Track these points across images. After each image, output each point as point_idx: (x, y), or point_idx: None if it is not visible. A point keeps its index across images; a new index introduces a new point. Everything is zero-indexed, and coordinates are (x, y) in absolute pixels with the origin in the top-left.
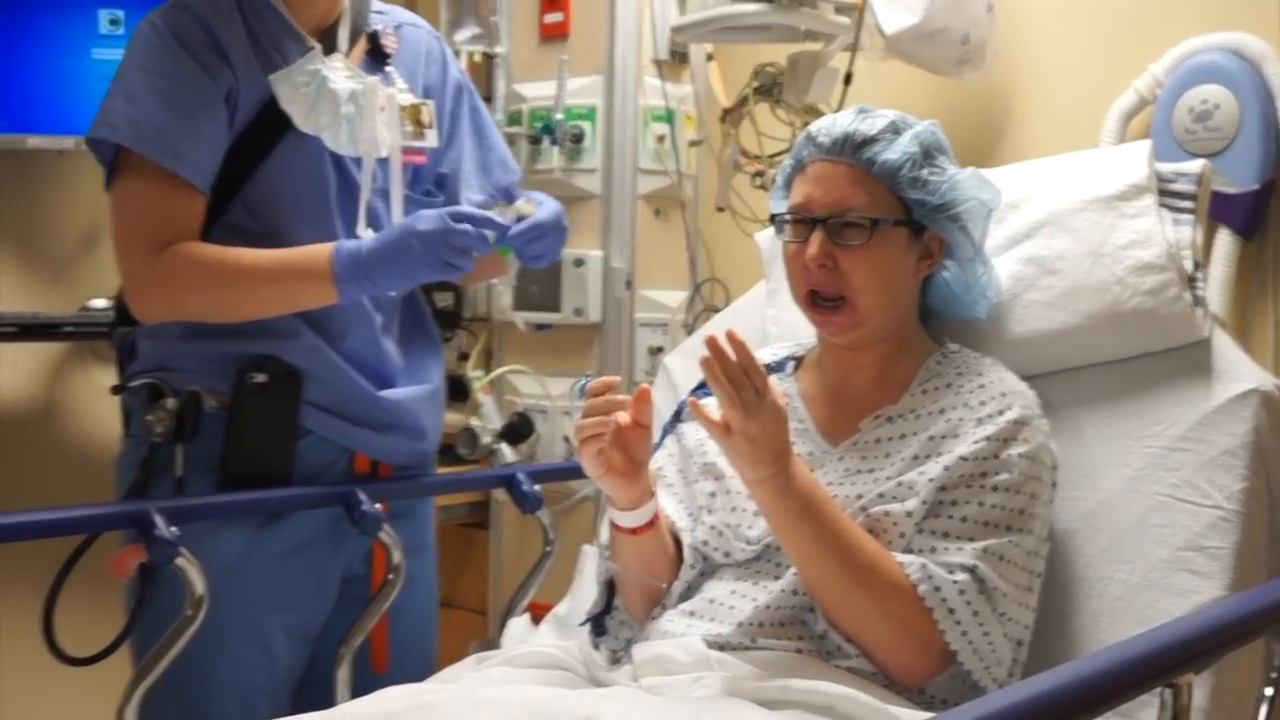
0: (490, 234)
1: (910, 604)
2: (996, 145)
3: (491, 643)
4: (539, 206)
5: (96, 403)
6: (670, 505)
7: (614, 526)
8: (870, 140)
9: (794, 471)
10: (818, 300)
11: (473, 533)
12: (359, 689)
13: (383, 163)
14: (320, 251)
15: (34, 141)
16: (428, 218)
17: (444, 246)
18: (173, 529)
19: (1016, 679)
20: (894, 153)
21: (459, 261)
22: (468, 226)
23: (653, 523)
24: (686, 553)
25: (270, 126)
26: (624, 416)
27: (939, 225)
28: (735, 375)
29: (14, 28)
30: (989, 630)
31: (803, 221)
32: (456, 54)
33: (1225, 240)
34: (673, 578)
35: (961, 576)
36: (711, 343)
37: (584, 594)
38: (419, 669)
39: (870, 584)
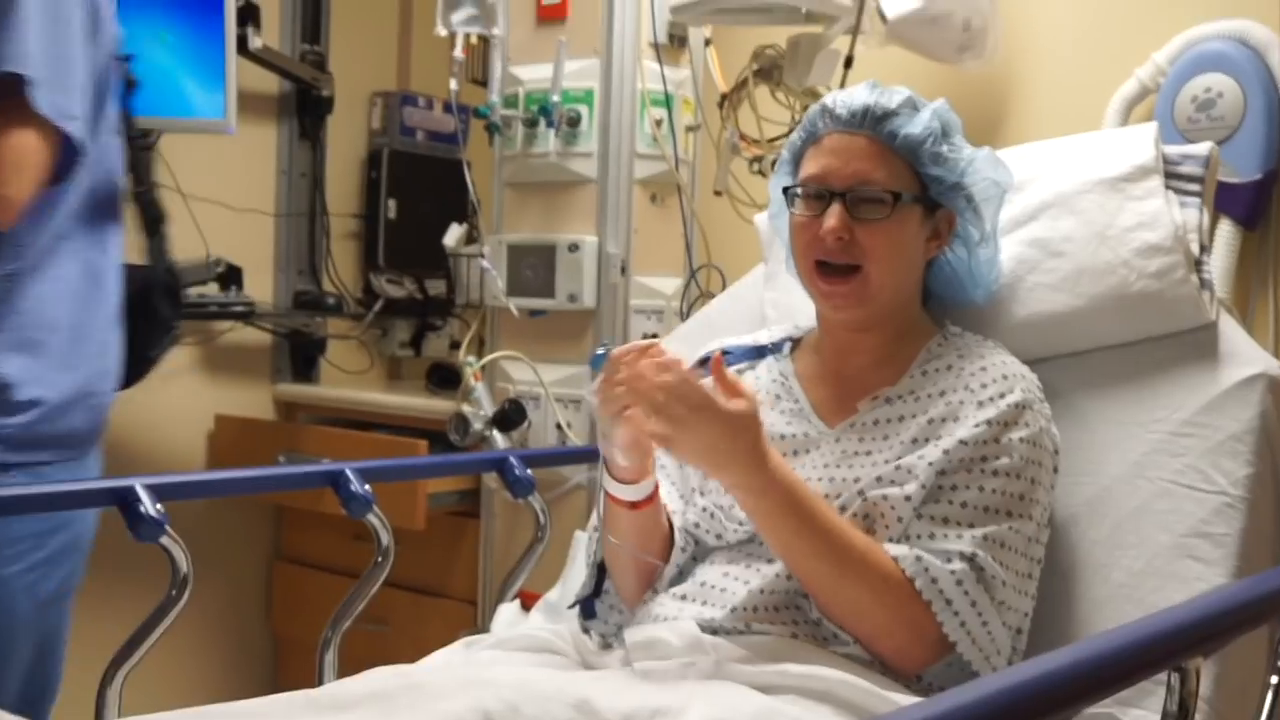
0: None
1: (905, 595)
2: (997, 132)
3: (480, 630)
4: None
5: None
6: (663, 487)
7: (612, 500)
8: (891, 113)
9: (769, 472)
10: (827, 269)
11: (463, 521)
12: None
13: None
14: None
15: None
16: None
17: None
18: (158, 507)
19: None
20: (916, 126)
21: None
22: None
23: (652, 497)
24: (678, 535)
25: None
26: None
27: (953, 204)
28: (655, 398)
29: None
30: (987, 620)
31: (819, 195)
32: (453, 36)
33: (1227, 230)
34: (667, 558)
35: (959, 565)
36: (616, 357)
37: (575, 580)
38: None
39: (861, 576)
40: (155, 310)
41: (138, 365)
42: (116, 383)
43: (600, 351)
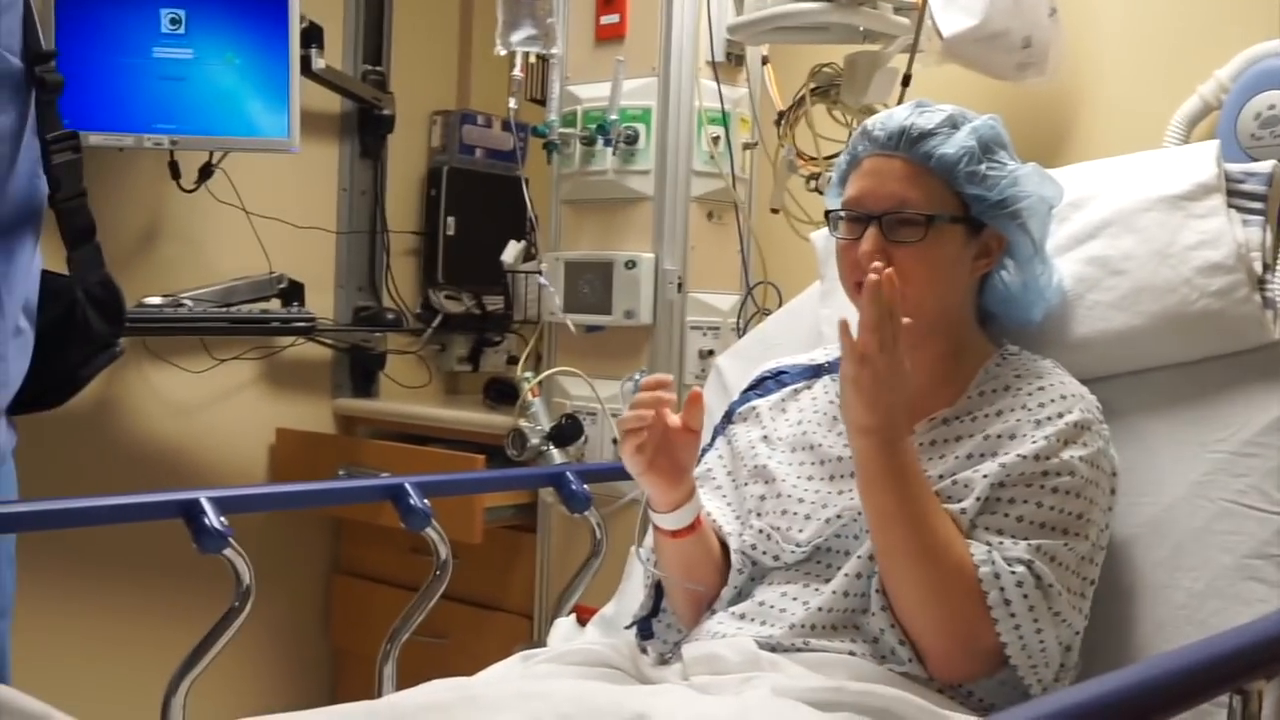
0: None
1: (969, 593)
2: (1059, 149)
3: (537, 644)
4: None
5: (148, 398)
6: (718, 507)
7: (655, 529)
8: (927, 134)
9: (900, 437)
10: None
11: (519, 535)
12: None
13: None
14: None
15: (95, 139)
16: None
17: None
18: (222, 519)
19: (1065, 684)
20: (951, 147)
21: None
22: None
23: (694, 526)
24: (734, 557)
25: None
26: (674, 419)
27: (998, 222)
28: (883, 310)
29: (77, 27)
30: (1042, 628)
31: (857, 218)
32: (512, 55)
33: None
34: (719, 582)
35: (1020, 569)
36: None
37: (631, 596)
38: None
39: (937, 561)
40: (88, 326)
41: (66, 384)
42: (5, 397)
43: (634, 378)
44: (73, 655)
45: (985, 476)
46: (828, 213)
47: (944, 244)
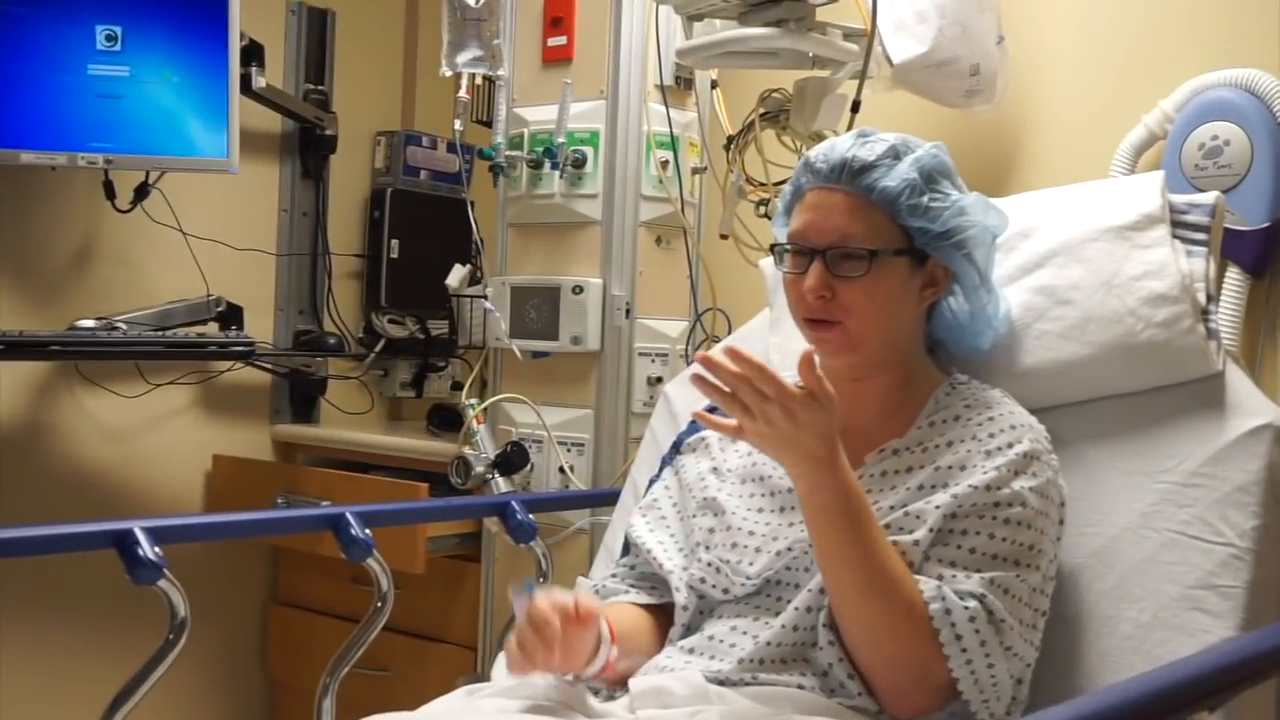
0: None
1: (919, 629)
2: (1005, 178)
3: (481, 676)
4: None
5: (81, 424)
6: (660, 541)
7: None
8: (868, 167)
9: (832, 472)
10: (814, 322)
11: (463, 565)
12: None
13: None
14: None
15: (26, 157)
16: None
17: None
18: (156, 550)
19: (1016, 716)
20: (893, 179)
21: None
22: None
23: (608, 661)
24: (681, 594)
25: None
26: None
27: (942, 253)
28: (729, 382)
29: (9, 42)
30: (994, 662)
31: (802, 252)
32: (458, 77)
33: (1235, 278)
34: (658, 646)
35: (972, 604)
36: (703, 360)
37: None
38: None
39: (886, 598)
40: None
41: None
42: None
43: (523, 595)
44: (1, 689)
45: (937, 507)
46: (773, 246)
47: (888, 277)
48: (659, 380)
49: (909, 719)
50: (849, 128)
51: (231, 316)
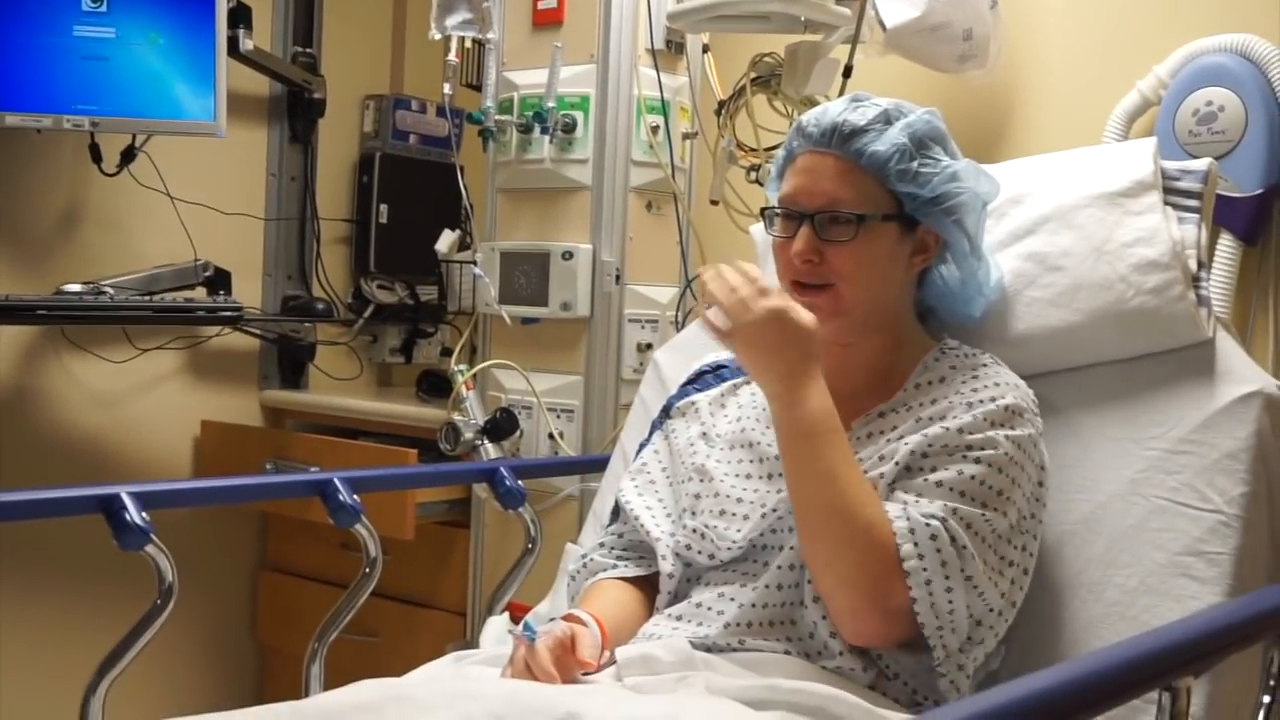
0: None
1: (880, 547)
2: (998, 143)
3: (470, 643)
4: None
5: (68, 389)
6: (649, 506)
7: None
8: (859, 131)
9: (806, 394)
10: (802, 286)
11: (452, 531)
12: None
13: None
14: None
15: (11, 119)
16: None
17: None
18: (144, 515)
19: (977, 666)
20: (882, 144)
21: None
22: None
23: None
24: (667, 562)
25: None
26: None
27: (932, 219)
28: (708, 296)
29: None
30: (952, 587)
31: (791, 216)
32: (447, 40)
33: (1227, 245)
34: (645, 616)
35: (935, 523)
36: (704, 272)
37: (566, 593)
38: None
39: (849, 516)
40: None
41: None
42: None
43: (525, 632)
44: None
45: (907, 443)
46: (764, 209)
47: (877, 242)
48: (649, 346)
49: (864, 646)
50: (840, 93)
51: (219, 281)
